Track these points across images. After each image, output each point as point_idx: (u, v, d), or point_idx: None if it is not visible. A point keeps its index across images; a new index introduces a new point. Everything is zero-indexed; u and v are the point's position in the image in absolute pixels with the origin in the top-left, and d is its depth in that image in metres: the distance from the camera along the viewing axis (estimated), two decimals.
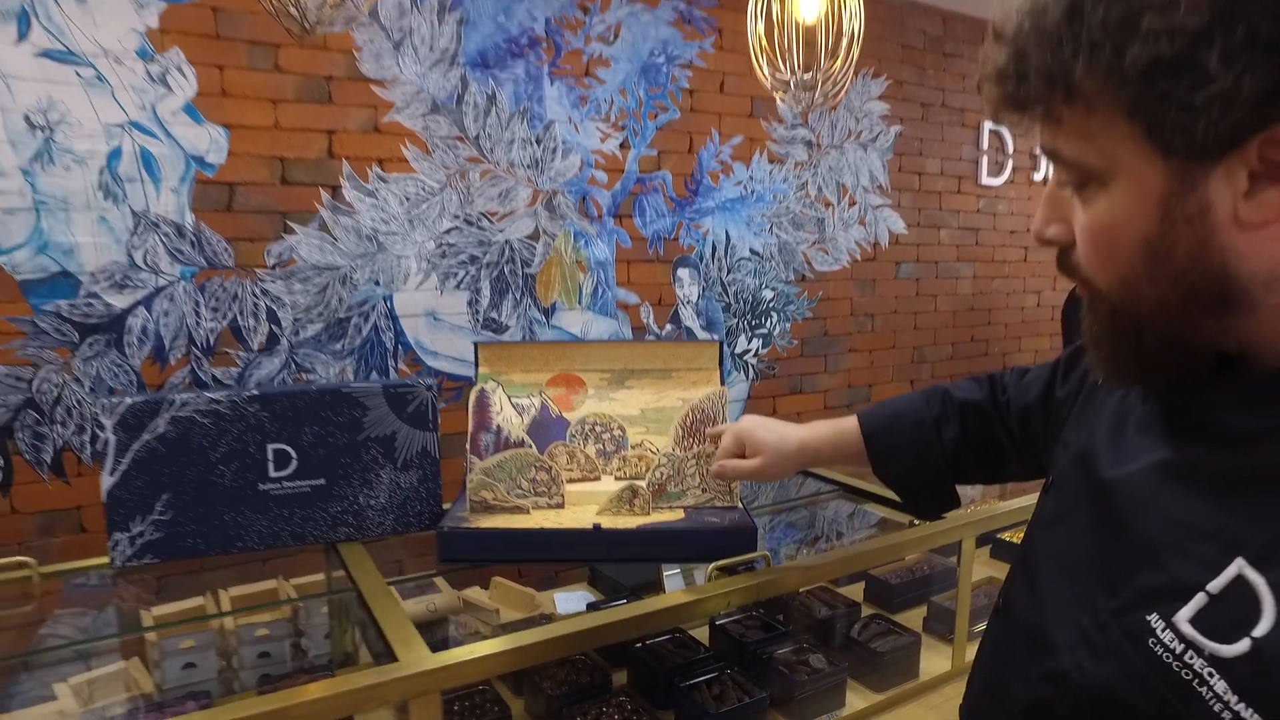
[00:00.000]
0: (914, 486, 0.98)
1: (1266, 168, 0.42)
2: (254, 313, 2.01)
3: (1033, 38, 0.46)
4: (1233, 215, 0.44)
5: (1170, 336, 0.50)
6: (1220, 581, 0.45)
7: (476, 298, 2.31)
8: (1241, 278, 0.45)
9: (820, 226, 3.00)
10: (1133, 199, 0.46)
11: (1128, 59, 0.42)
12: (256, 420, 1.13)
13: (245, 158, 1.97)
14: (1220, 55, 0.39)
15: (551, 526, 1.11)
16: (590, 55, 2.45)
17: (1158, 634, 0.47)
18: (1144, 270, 0.48)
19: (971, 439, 0.92)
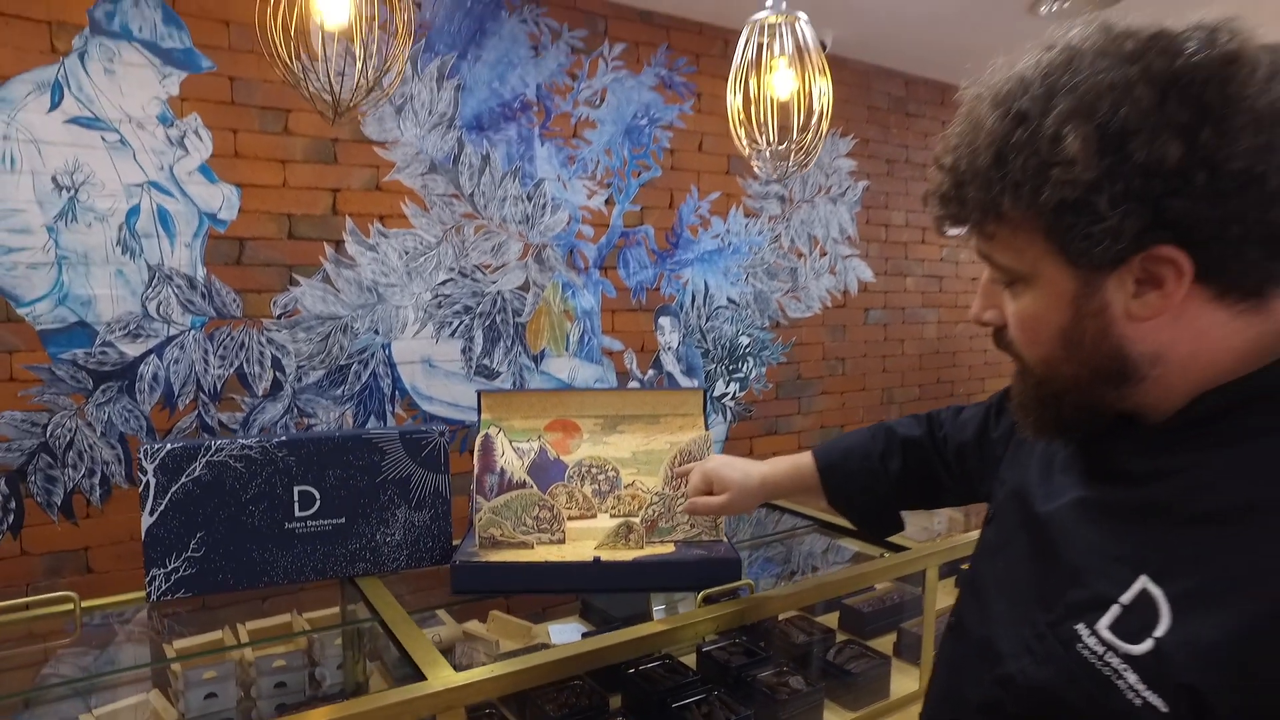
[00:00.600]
0: (864, 513, 1.11)
1: (1148, 276, 0.55)
2: (259, 360, 2.12)
3: (969, 174, 0.59)
4: (1125, 311, 0.57)
5: (1082, 403, 0.63)
6: (1130, 594, 0.56)
7: (470, 345, 2.44)
8: (1133, 357, 0.58)
9: (793, 276, 3.17)
10: (1050, 297, 0.60)
11: (1042, 198, 0.55)
12: (285, 464, 1.24)
13: (255, 214, 2.09)
14: (1108, 201, 0.53)
15: (555, 560, 1.22)
16: (578, 118, 2.62)
17: (1084, 639, 0.58)
18: (1061, 352, 0.61)
19: (912, 471, 1.05)
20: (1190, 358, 0.58)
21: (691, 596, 1.19)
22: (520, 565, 1.21)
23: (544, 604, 2.07)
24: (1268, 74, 0.53)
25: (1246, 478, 0.55)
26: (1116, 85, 0.53)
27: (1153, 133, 0.52)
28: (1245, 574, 0.52)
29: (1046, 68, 0.57)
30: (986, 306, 0.67)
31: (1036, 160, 0.55)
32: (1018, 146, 0.56)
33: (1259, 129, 0.51)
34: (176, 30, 1.97)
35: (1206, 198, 0.52)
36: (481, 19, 2.42)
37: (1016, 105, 0.57)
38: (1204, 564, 0.54)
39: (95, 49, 1.89)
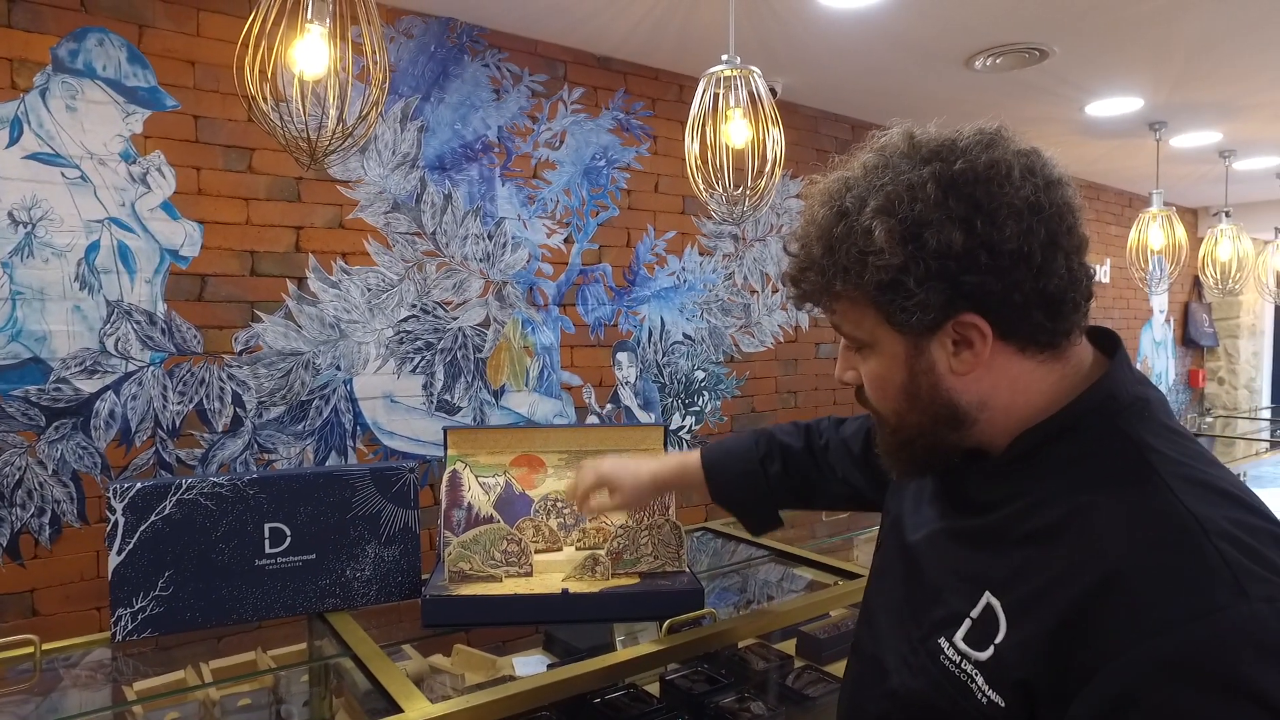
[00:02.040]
0: (745, 509, 1.21)
1: (960, 338, 0.68)
2: (220, 396, 2.11)
3: (808, 261, 0.72)
4: (949, 367, 0.69)
5: (930, 445, 0.74)
6: (977, 609, 0.67)
7: (431, 381, 2.46)
8: (962, 405, 0.70)
9: (746, 312, 3.27)
10: (889, 359, 0.71)
11: (865, 279, 0.67)
12: (256, 501, 1.26)
13: (217, 251, 2.10)
14: (914, 280, 0.65)
15: (524, 592, 1.26)
16: (538, 159, 2.68)
17: (945, 651, 0.68)
18: (905, 404, 0.72)
19: (790, 474, 1.15)
20: (1010, 401, 0.70)
21: (652, 626, 1.24)
22: (489, 598, 1.24)
23: (506, 637, 2.09)
24: (1021, 175, 0.66)
25: (1060, 498, 0.66)
26: (913, 185, 0.65)
27: (940, 225, 0.64)
28: (1057, 578, 0.62)
29: (863, 169, 0.70)
30: (846, 368, 0.78)
31: (856, 249, 0.67)
32: (841, 238, 0.68)
33: (1019, 218, 0.64)
34: (141, 69, 1.99)
35: (991, 273, 0.64)
36: (444, 63, 2.48)
37: (840, 204, 0.69)
38: (1030, 575, 0.64)
39: (57, 86, 1.90)
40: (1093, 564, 0.60)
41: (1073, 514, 0.64)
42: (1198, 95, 3.38)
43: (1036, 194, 0.66)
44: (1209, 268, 4.33)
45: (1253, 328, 6.48)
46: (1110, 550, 0.60)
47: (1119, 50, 2.85)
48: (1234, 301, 6.24)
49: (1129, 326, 5.56)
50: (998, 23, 2.59)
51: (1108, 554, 0.60)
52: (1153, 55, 2.92)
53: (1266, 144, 4.30)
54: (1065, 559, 0.62)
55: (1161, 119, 3.73)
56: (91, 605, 1.96)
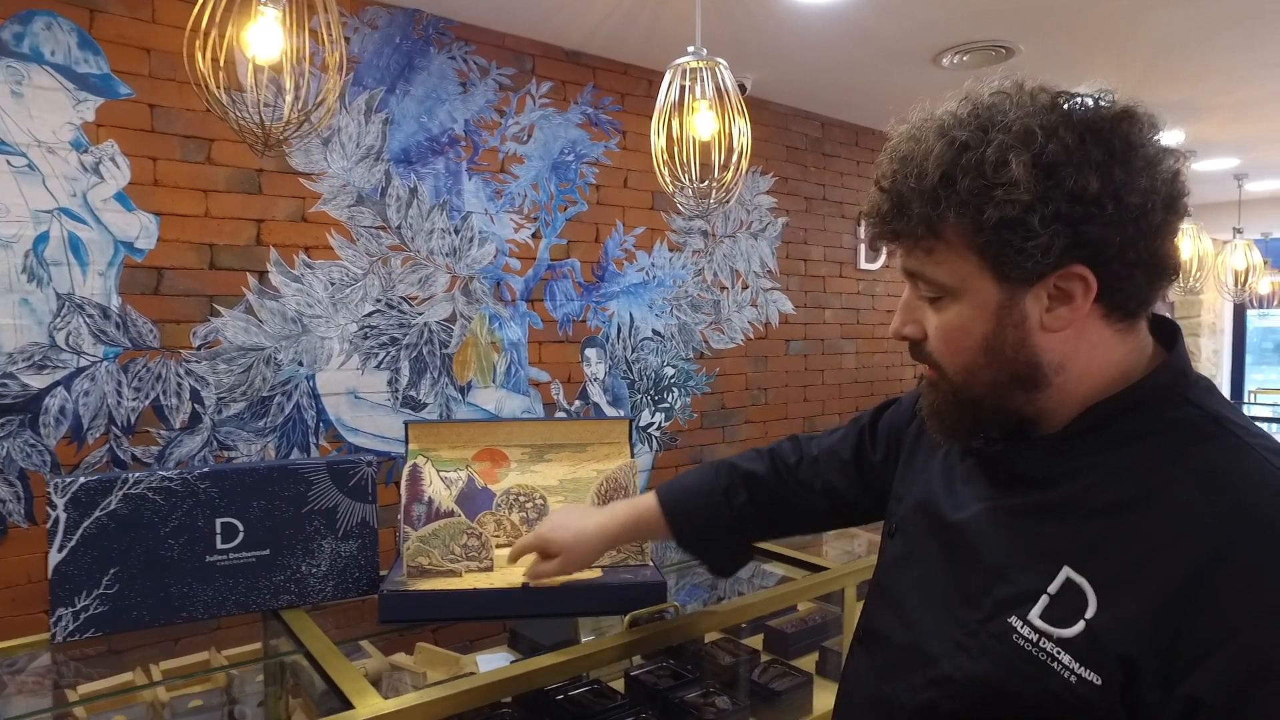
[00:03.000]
0: (711, 548, 1.14)
1: (1059, 293, 0.65)
2: (177, 392, 2.06)
3: (915, 193, 0.66)
4: (1040, 323, 0.66)
5: (997, 407, 0.70)
6: (1055, 584, 0.64)
7: (396, 377, 2.42)
8: (1043, 364, 0.67)
9: (716, 308, 3.26)
10: (975, 309, 0.67)
11: (985, 215, 0.63)
12: (207, 496, 1.22)
13: (175, 244, 2.05)
14: (1040, 220, 0.61)
15: (483, 587, 1.23)
16: (505, 153, 2.66)
17: (1019, 630, 0.65)
18: (983, 359, 0.68)
19: (758, 502, 1.08)
20: (1085, 368, 0.67)
21: (620, 623, 1.22)
22: (448, 593, 1.21)
23: (471, 635, 2.06)
24: (1149, 126, 0.64)
25: (1137, 472, 0.64)
26: (1045, 127, 0.62)
27: (1077, 166, 0.61)
28: (1151, 551, 0.60)
29: (975, 109, 0.65)
30: (907, 321, 0.73)
31: (982, 181, 0.62)
32: (965, 169, 0.63)
33: (1148, 170, 0.62)
34: (93, 55, 1.94)
35: (1113, 225, 0.61)
36: (410, 55, 2.45)
37: (959, 136, 0.64)
38: (1117, 549, 0.62)
39: (2, 70, 1.84)
40: (1198, 535, 0.59)
41: (1159, 485, 0.62)
42: (1160, 95, 3.43)
43: (1160, 152, 0.64)
44: None
45: (1213, 326, 6.61)
46: (1214, 521, 0.59)
47: (1084, 49, 2.89)
48: (1195, 301, 6.36)
49: None
50: (965, 20, 2.60)
51: (1212, 525, 0.59)
52: (1117, 55, 2.96)
53: (1225, 146, 4.38)
54: (1161, 530, 0.60)
55: None
56: (40, 609, 1.90)
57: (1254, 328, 7.35)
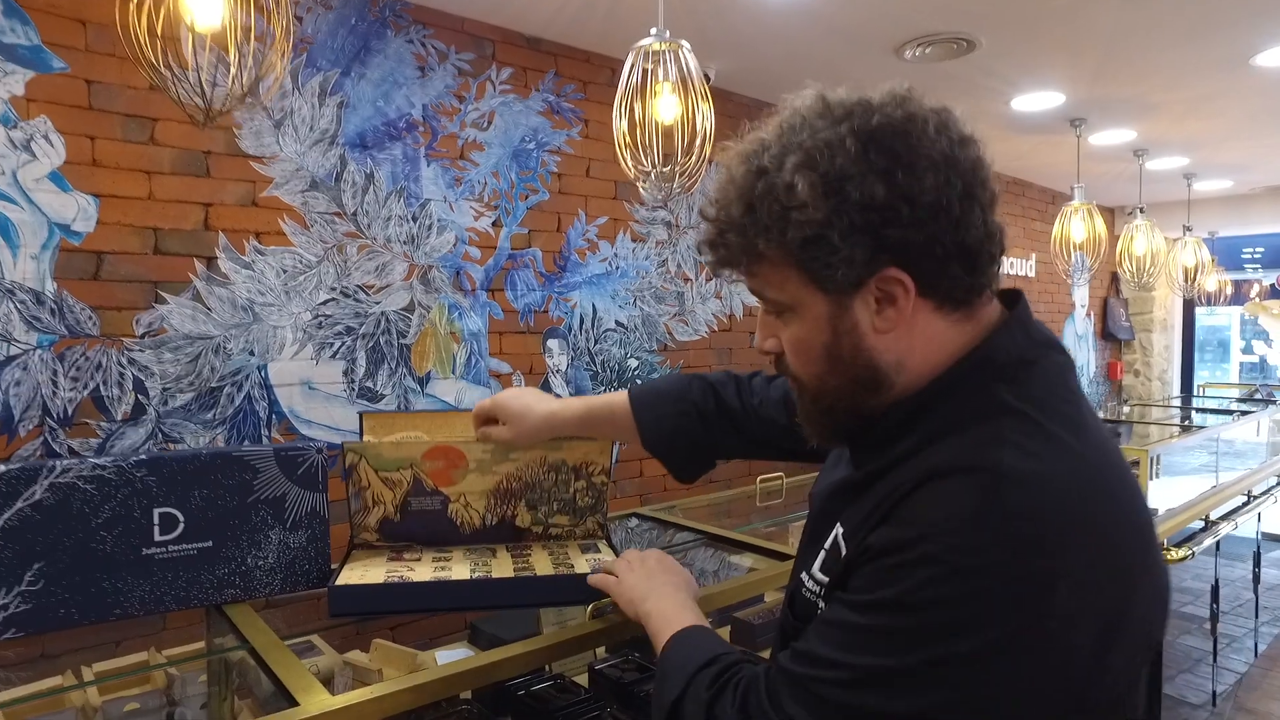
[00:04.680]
0: (675, 451, 1.15)
1: (884, 295, 0.68)
2: (119, 382, 1.97)
3: (728, 223, 0.70)
4: (872, 326, 0.69)
5: (851, 409, 0.74)
6: (829, 540, 0.74)
7: (352, 367, 2.35)
8: (882, 366, 0.71)
9: (680, 300, 3.24)
10: (811, 321, 0.71)
11: (788, 237, 0.66)
12: (144, 485, 1.15)
13: (116, 227, 1.96)
14: (839, 234, 0.65)
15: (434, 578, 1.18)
16: (465, 140, 2.60)
17: (805, 585, 0.76)
18: (827, 367, 0.72)
19: (724, 414, 1.12)
20: (924, 362, 0.71)
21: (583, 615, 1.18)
22: (401, 586, 1.16)
23: (431, 631, 2.01)
24: (936, 129, 0.67)
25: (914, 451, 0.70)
26: (831, 142, 0.65)
27: (861, 178, 0.64)
28: (880, 500, 0.69)
29: (778, 129, 0.69)
30: (766, 337, 0.77)
31: (779, 206, 0.66)
32: (762, 196, 0.67)
33: (937, 170, 0.65)
34: (21, 25, 1.84)
35: (912, 225, 0.65)
36: (366, 37, 2.38)
37: (758, 162, 0.68)
38: (865, 503, 0.71)
39: None
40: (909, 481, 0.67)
41: (915, 455, 0.69)
42: (1112, 91, 3.49)
43: (951, 148, 0.67)
44: (1126, 262, 4.49)
45: (1164, 322, 6.77)
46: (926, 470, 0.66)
47: (1041, 43, 2.92)
48: (1148, 297, 6.51)
49: (1053, 320, 5.74)
50: (926, 12, 2.61)
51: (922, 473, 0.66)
52: (1071, 49, 2.99)
53: (1175, 145, 4.47)
54: (887, 485, 0.68)
55: (1081, 115, 3.84)
56: None
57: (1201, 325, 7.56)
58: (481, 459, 1.31)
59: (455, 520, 1.34)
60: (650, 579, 1.07)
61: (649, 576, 1.07)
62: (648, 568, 1.09)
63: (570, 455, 1.32)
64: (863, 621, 0.65)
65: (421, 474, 1.31)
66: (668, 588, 1.05)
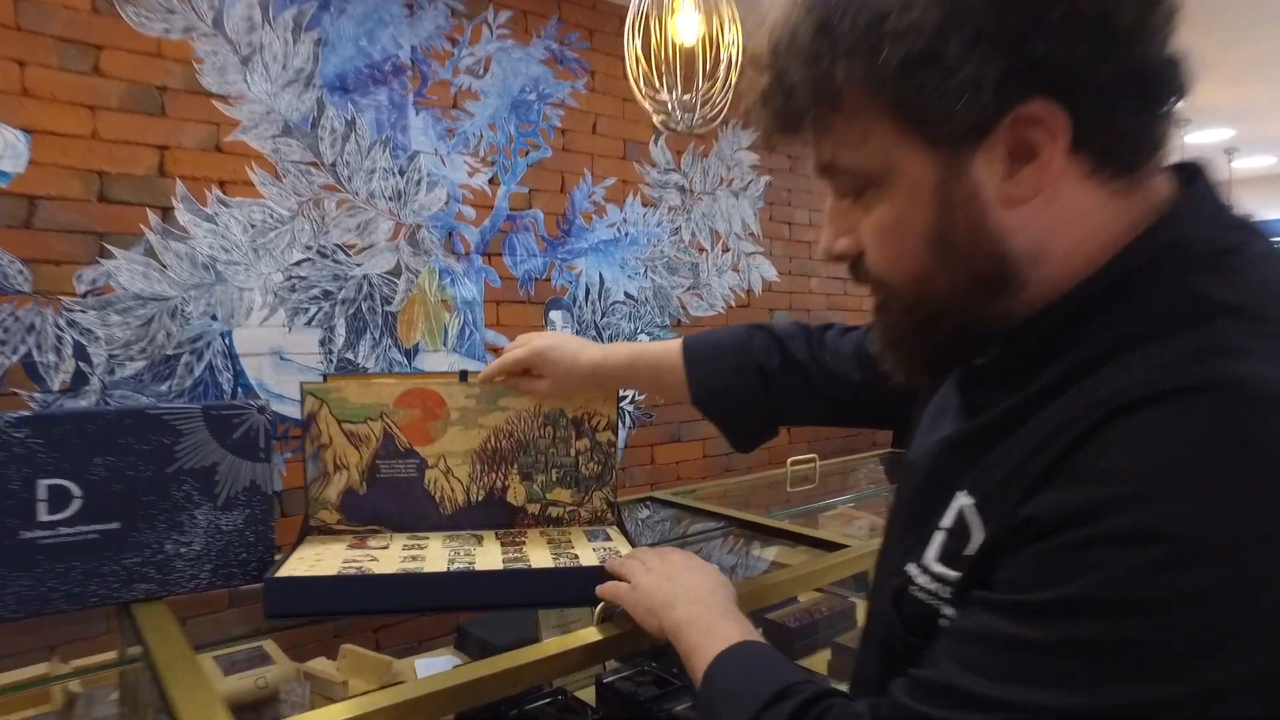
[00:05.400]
0: (732, 413, 0.95)
1: (1018, 147, 0.46)
2: (56, 347, 1.72)
3: (791, 57, 0.49)
4: (999, 195, 0.48)
5: (961, 323, 0.52)
6: (949, 515, 0.51)
7: (330, 336, 2.10)
8: (1012, 256, 0.49)
9: (695, 272, 2.97)
10: (910, 194, 0.49)
11: (881, 59, 0.45)
12: (25, 449, 0.90)
13: (52, 169, 1.71)
14: (958, 47, 0.43)
15: (409, 570, 0.93)
16: (458, 87, 2.34)
17: (915, 580, 0.53)
18: (933, 260, 0.50)
19: (789, 376, 0.92)
20: (1073, 253, 0.49)
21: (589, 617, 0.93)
22: (358, 580, 0.91)
23: (417, 634, 1.75)
24: None
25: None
26: None
27: None
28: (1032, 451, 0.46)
29: None
30: (838, 234, 0.55)
31: (867, 14, 0.46)
32: (843, 6, 0.47)
33: None
34: None
35: (1065, 36, 0.44)
36: None
37: None
38: (1008, 456, 0.48)
39: None
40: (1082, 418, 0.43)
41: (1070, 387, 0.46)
42: None
43: None
44: None
45: None
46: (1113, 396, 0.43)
47: None
48: None
49: None
50: None
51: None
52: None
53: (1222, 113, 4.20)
54: (1045, 425, 0.46)
55: None
56: None
57: None
58: (465, 406, 1.07)
59: (434, 493, 1.08)
60: (674, 580, 0.82)
61: (672, 577, 0.82)
62: (670, 567, 0.85)
63: (569, 404, 1.07)
64: (1033, 635, 0.42)
65: (393, 427, 1.06)
66: (700, 590, 0.80)
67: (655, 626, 0.79)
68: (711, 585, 0.81)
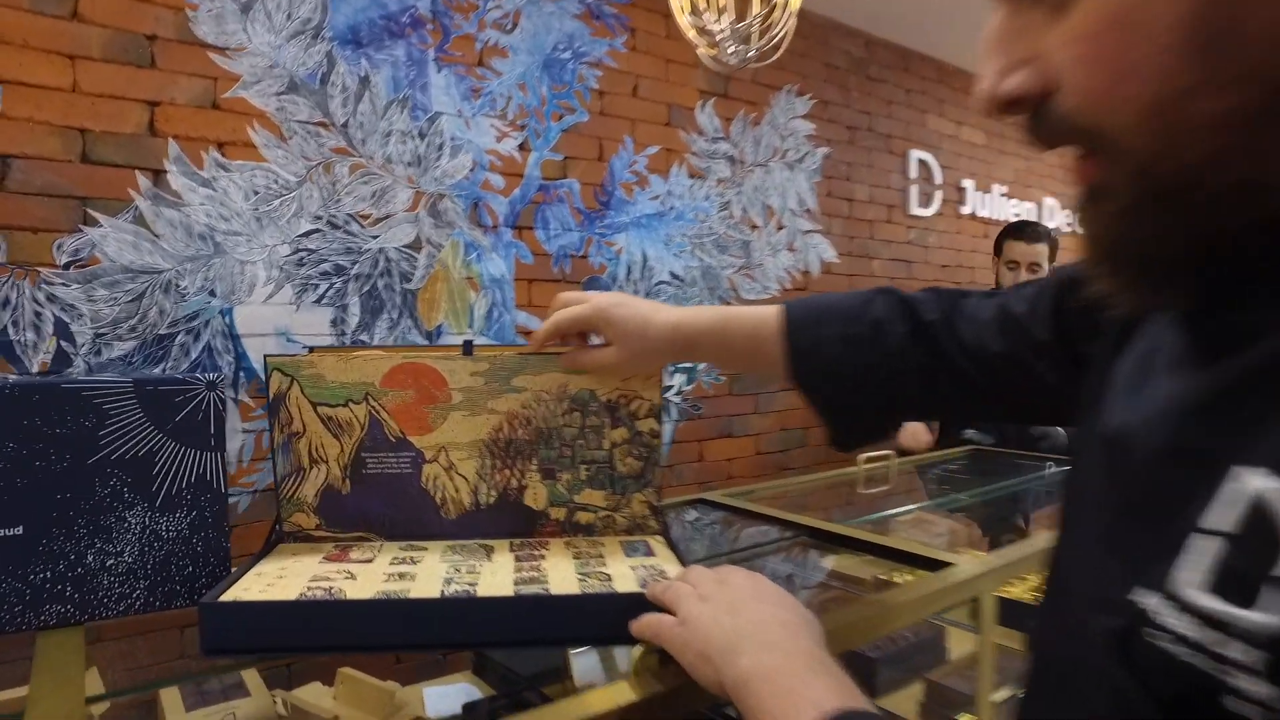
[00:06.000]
0: (840, 396, 0.72)
1: None
2: (34, 325, 1.54)
3: None
4: None
5: (1239, 186, 0.30)
6: (1238, 511, 0.29)
7: (343, 315, 1.89)
8: None
9: (746, 250, 2.72)
10: None
11: None
12: None
13: (26, 125, 1.52)
14: None
15: (391, 594, 0.70)
16: (484, 43, 2.12)
17: (1158, 619, 0.31)
18: (1196, 70, 0.29)
19: (919, 346, 0.69)
20: None
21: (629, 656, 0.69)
22: (319, 606, 0.68)
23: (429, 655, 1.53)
24: None
25: None
26: None
27: None
28: None
29: None
30: (1010, 66, 0.34)
31: None
32: None
33: None
34: None
35: None
36: None
37: None
38: None
39: None
40: None
41: None
42: None
43: None
44: None
45: None
46: None
47: None
48: None
49: None
50: None
51: None
52: None
53: None
54: None
55: None
56: None
57: None
58: (471, 386, 0.84)
59: (433, 495, 0.86)
60: (738, 613, 0.58)
61: (736, 610, 0.58)
62: (733, 594, 0.60)
63: (602, 384, 0.83)
64: None
65: (381, 411, 0.84)
66: (775, 628, 0.56)
67: (711, 678, 0.55)
68: (790, 622, 0.57)
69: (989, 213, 3.64)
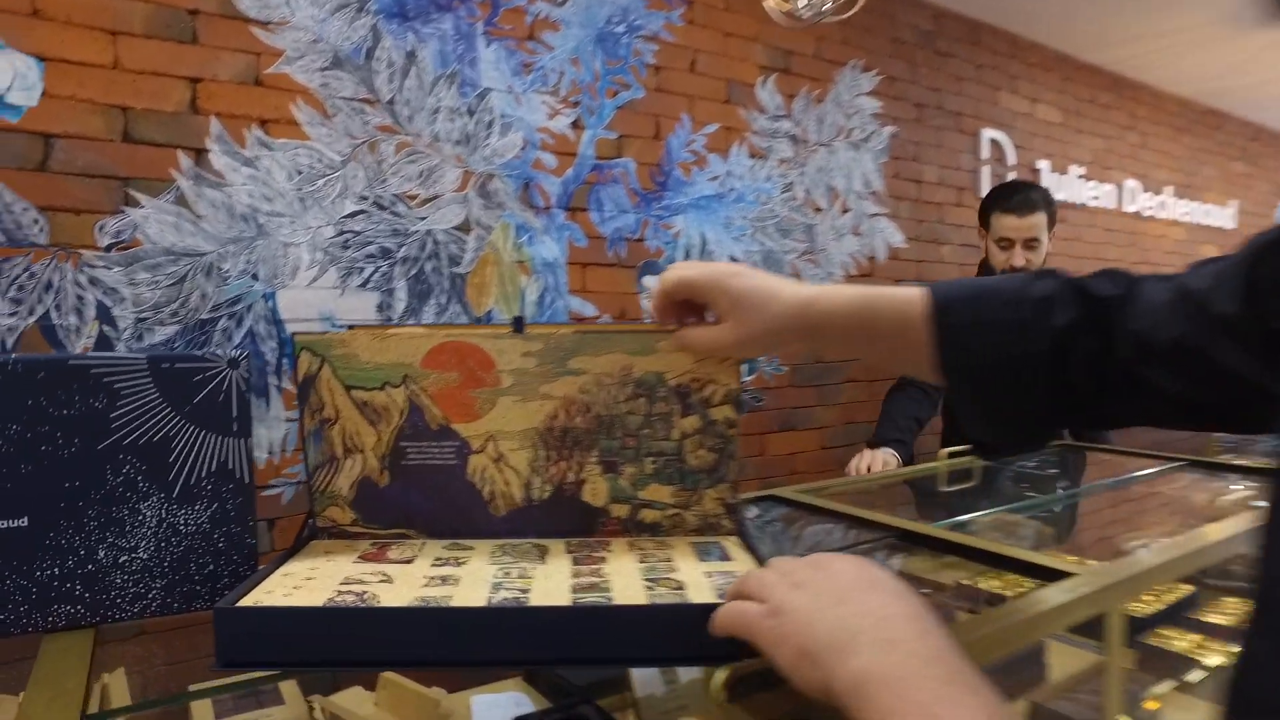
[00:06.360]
0: (996, 394, 0.59)
1: None
2: (77, 308, 1.49)
3: None
4: None
5: None
6: None
7: (389, 300, 1.82)
8: None
9: (810, 234, 2.58)
10: None
11: None
12: None
13: (68, 103, 1.48)
14: None
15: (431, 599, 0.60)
16: (535, 16, 2.03)
17: None
18: None
19: (1092, 333, 0.56)
20: None
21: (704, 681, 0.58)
22: (347, 615, 0.59)
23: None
24: None
25: None
26: None
27: None
28: None
29: None
30: None
31: None
32: None
33: None
34: None
35: None
36: None
37: None
38: None
39: None
40: None
41: None
42: None
43: None
44: None
45: None
46: None
47: None
48: None
49: None
50: None
51: None
52: None
53: None
54: None
55: None
56: None
57: None
58: (523, 368, 0.74)
59: (480, 488, 0.76)
60: (845, 603, 0.46)
61: (843, 598, 0.47)
62: (836, 581, 0.49)
63: (671, 366, 0.72)
64: None
65: (422, 395, 0.75)
66: (898, 623, 0.45)
67: (816, 680, 0.44)
68: (917, 616, 0.45)
69: (1066, 195, 3.43)
